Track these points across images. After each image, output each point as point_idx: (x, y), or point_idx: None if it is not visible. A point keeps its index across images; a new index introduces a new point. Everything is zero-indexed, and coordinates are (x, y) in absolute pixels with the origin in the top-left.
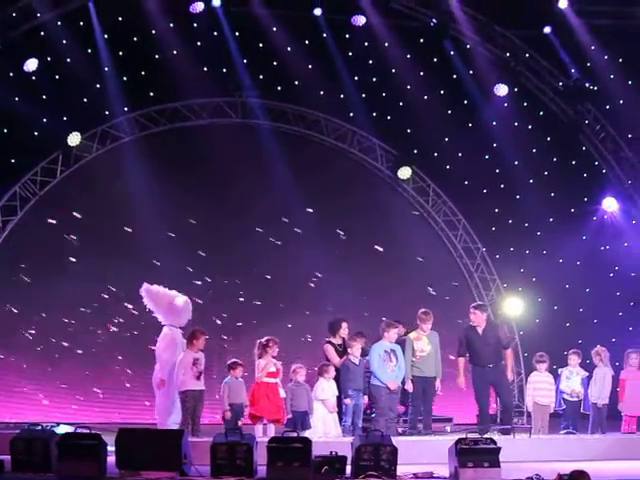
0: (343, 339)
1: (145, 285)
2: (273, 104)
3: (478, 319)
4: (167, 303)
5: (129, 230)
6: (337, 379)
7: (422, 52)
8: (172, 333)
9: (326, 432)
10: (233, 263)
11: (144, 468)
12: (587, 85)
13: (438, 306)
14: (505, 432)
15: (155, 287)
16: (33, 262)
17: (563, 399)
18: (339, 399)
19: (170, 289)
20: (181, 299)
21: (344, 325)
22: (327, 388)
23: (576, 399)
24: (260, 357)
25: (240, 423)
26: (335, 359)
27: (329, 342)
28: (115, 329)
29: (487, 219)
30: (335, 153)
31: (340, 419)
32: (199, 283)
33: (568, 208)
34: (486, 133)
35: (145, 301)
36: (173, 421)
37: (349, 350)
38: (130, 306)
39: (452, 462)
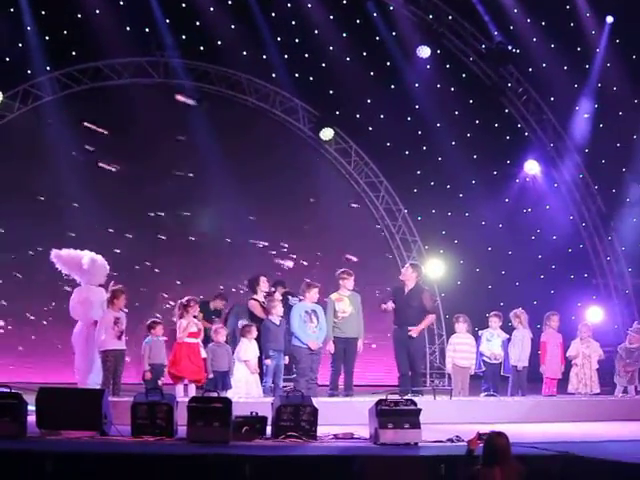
0: (267, 293)
1: (54, 251)
2: (195, 64)
3: (406, 276)
4: (76, 265)
5: (41, 198)
6: (258, 340)
7: (345, 13)
8: (87, 290)
9: (248, 393)
10: (154, 223)
11: (64, 427)
12: (510, 48)
13: (359, 268)
14: (416, 394)
15: (64, 251)
16: None
17: (483, 361)
18: (260, 360)
19: (85, 249)
20: (87, 258)
21: (262, 279)
22: (249, 349)
23: (496, 361)
24: (181, 317)
25: (160, 383)
26: (262, 314)
27: (253, 299)
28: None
29: (409, 181)
30: (257, 114)
31: (261, 380)
32: (118, 248)
33: (490, 170)
34: (409, 95)
35: (58, 266)
36: (93, 381)
37: (271, 310)
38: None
39: (372, 423)
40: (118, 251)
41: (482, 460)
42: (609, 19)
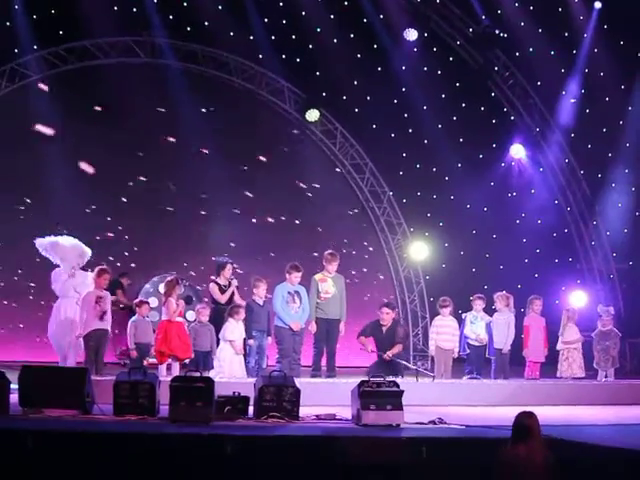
0: (228, 280)
1: (37, 240)
2: (182, 44)
3: (387, 319)
4: (44, 249)
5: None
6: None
7: None
8: (60, 270)
9: (231, 373)
10: (139, 202)
11: (47, 406)
12: (497, 32)
13: (344, 250)
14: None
15: (47, 239)
16: None
17: (467, 344)
18: (244, 340)
19: (75, 229)
20: (47, 241)
21: (228, 267)
22: (236, 329)
23: (480, 344)
24: (169, 296)
25: (145, 363)
26: (220, 298)
27: (214, 282)
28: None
29: (394, 163)
30: (244, 94)
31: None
32: (108, 219)
33: (476, 154)
34: (395, 78)
35: (43, 253)
36: (70, 361)
37: (254, 291)
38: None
39: (355, 404)
40: (108, 233)
41: (510, 440)
42: (597, 4)
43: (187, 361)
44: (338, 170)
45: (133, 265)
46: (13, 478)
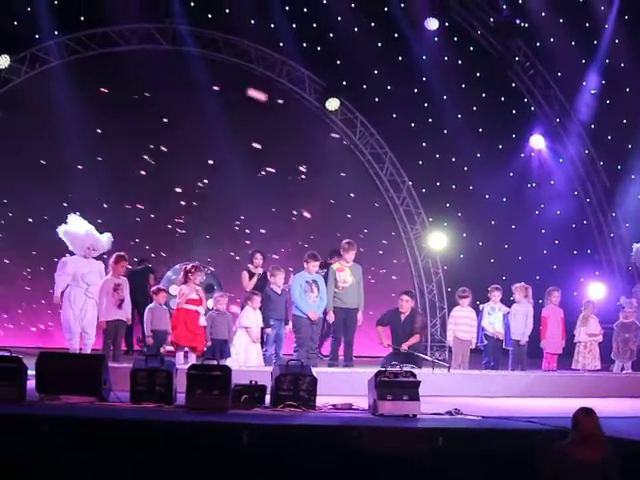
0: (258, 268)
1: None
2: (203, 32)
3: (405, 306)
4: (64, 237)
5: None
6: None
7: None
8: (67, 260)
9: (247, 361)
10: (159, 190)
11: (64, 392)
12: (518, 22)
13: (363, 239)
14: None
15: (63, 227)
16: None
17: (485, 335)
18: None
19: (91, 216)
20: (61, 230)
21: (258, 256)
22: (252, 317)
23: (498, 336)
24: (184, 283)
25: (163, 351)
26: (246, 283)
27: (246, 269)
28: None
29: (414, 153)
30: (264, 83)
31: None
32: (128, 207)
33: (496, 144)
34: (416, 67)
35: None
36: (74, 345)
37: (272, 279)
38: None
39: (371, 394)
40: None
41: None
42: None
43: (205, 349)
44: (358, 159)
45: (161, 253)
46: (29, 464)
